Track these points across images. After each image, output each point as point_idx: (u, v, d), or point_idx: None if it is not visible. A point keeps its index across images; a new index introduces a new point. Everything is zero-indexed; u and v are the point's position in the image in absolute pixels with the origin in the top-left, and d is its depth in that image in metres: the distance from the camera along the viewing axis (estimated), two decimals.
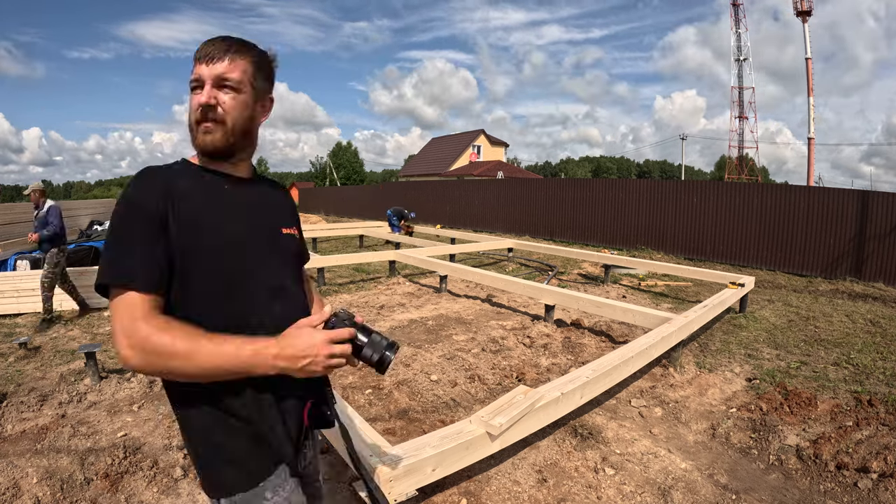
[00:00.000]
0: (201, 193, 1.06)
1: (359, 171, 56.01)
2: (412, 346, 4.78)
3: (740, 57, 47.58)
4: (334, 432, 2.50)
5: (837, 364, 4.41)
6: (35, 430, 3.04)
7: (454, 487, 2.58)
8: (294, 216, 1.31)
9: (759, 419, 3.38)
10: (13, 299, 5.97)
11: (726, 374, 4.20)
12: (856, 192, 8.95)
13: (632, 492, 2.62)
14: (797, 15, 40.30)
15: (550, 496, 2.57)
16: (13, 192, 66.81)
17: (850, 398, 3.65)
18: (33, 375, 4.02)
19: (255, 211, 1.15)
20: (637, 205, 12.21)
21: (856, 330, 5.53)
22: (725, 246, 10.49)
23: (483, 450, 2.48)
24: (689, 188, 11.43)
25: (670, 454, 2.99)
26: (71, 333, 5.18)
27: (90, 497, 2.46)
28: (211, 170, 1.12)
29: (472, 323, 5.64)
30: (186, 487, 2.59)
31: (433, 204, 19.23)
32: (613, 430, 3.25)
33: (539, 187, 15.58)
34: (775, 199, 9.78)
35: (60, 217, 5.72)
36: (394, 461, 2.15)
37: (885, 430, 3.11)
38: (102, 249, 1.00)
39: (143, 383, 3.77)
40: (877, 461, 2.74)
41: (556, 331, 5.26)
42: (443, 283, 7.41)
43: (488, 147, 40.95)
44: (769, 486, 2.70)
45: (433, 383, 3.91)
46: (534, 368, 4.25)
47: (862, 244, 8.65)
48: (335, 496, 2.51)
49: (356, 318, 1.08)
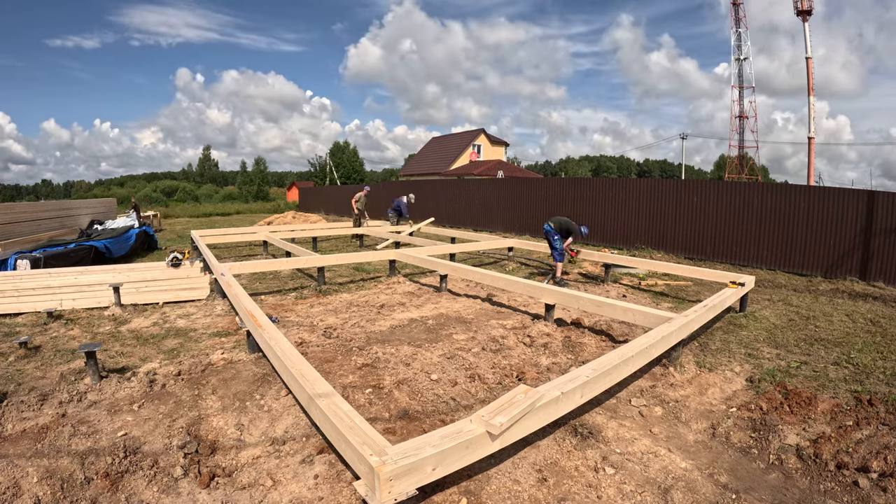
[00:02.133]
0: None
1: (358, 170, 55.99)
2: (412, 345, 4.78)
3: (740, 56, 47.57)
4: (335, 431, 2.50)
5: (837, 363, 4.41)
6: (35, 430, 3.04)
7: (454, 487, 2.58)
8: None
9: (759, 418, 3.38)
10: (13, 299, 5.97)
11: (726, 373, 4.20)
12: (856, 191, 8.94)
13: (632, 491, 2.62)
14: (797, 14, 40.30)
15: (550, 495, 2.57)
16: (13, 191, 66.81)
17: (850, 398, 3.65)
18: (33, 375, 4.02)
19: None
20: (637, 204, 12.19)
21: (856, 329, 5.53)
22: (726, 245, 10.48)
23: (483, 449, 2.48)
24: (690, 187, 11.42)
25: (670, 453, 2.99)
26: (71, 333, 5.18)
27: (90, 496, 2.46)
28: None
29: (473, 322, 5.64)
30: (187, 487, 2.59)
31: (433, 203, 19.22)
32: (613, 430, 3.25)
33: (539, 186, 15.57)
34: (775, 199, 9.77)
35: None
36: (394, 460, 2.15)
37: (885, 430, 3.11)
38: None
39: (144, 382, 3.77)
40: (877, 461, 2.74)
41: (556, 330, 5.26)
42: (443, 282, 7.41)
43: (488, 146, 40.94)
44: (769, 486, 2.70)
45: (433, 382, 3.91)
46: (534, 368, 4.25)
47: (862, 244, 8.64)
48: (335, 496, 2.51)
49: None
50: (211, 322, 5.66)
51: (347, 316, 5.88)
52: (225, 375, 3.99)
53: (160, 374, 3.94)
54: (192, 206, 38.86)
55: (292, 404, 3.46)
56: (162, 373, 3.98)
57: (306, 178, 61.21)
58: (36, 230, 12.14)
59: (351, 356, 4.44)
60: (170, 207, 34.70)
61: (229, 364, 4.24)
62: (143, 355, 4.53)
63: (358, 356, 4.44)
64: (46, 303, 5.95)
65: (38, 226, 12.56)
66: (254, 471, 2.72)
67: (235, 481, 2.64)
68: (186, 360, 4.30)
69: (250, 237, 12.79)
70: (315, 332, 5.18)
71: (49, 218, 13.41)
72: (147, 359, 4.42)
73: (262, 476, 2.67)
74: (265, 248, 11.27)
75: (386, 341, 4.90)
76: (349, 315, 5.92)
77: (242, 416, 3.32)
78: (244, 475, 2.69)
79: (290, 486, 2.59)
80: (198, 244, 10.10)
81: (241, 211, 33.66)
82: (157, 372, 3.99)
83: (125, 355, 4.53)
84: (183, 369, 4.06)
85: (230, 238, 12.79)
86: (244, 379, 3.93)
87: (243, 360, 4.33)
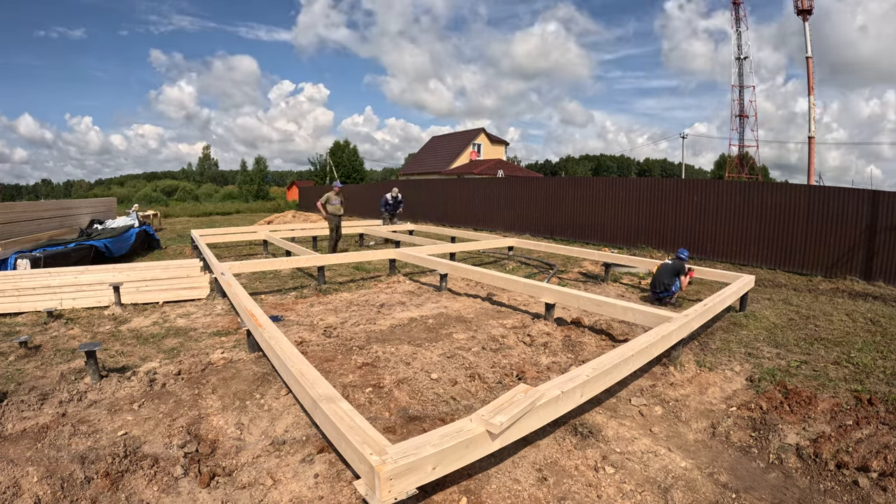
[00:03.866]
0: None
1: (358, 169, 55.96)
2: (412, 344, 4.78)
3: (740, 55, 47.54)
4: (335, 431, 2.50)
5: (837, 363, 4.40)
6: (35, 429, 3.04)
7: (454, 486, 2.58)
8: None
9: (759, 418, 3.38)
10: (13, 298, 5.97)
11: (726, 372, 4.20)
12: (856, 190, 8.94)
13: (632, 490, 2.62)
14: (798, 13, 40.24)
15: (550, 495, 2.57)
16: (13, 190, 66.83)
17: (850, 397, 3.65)
18: (34, 374, 4.02)
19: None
20: (637, 203, 12.20)
21: (856, 329, 5.53)
22: (726, 245, 10.49)
23: (483, 448, 2.48)
24: (690, 187, 11.42)
25: (670, 453, 2.99)
26: (71, 332, 5.18)
27: (90, 496, 2.46)
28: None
29: (473, 321, 5.64)
30: (187, 486, 2.59)
31: (433, 202, 19.21)
32: (613, 429, 3.25)
33: (539, 186, 15.57)
34: (776, 198, 9.77)
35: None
36: (394, 459, 2.15)
37: (885, 429, 3.11)
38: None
39: (144, 382, 3.77)
40: (877, 460, 2.74)
41: (556, 329, 5.26)
42: (443, 281, 7.41)
43: (488, 145, 40.91)
44: (769, 485, 2.70)
45: (433, 382, 3.91)
46: (534, 367, 4.25)
47: (861, 243, 8.64)
48: (335, 495, 2.51)
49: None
50: (211, 321, 5.66)
51: (347, 315, 5.88)
52: (225, 375, 3.99)
53: (160, 374, 3.94)
54: (192, 205, 38.84)
55: (292, 403, 3.46)
56: (162, 372, 3.98)
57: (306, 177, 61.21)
58: (36, 230, 12.15)
59: (351, 355, 4.44)
60: (170, 207, 34.70)
61: (229, 363, 4.24)
62: (143, 355, 4.53)
63: (358, 355, 4.44)
64: (46, 302, 5.95)
65: (39, 225, 12.57)
66: (254, 470, 2.72)
67: (235, 480, 2.65)
68: (186, 359, 4.30)
69: (250, 236, 12.79)
70: (315, 332, 5.18)
71: (49, 217, 13.43)
72: (147, 358, 4.42)
73: (262, 475, 2.67)
74: (265, 247, 11.27)
75: (386, 340, 4.90)
76: (349, 314, 5.93)
77: (242, 416, 3.32)
78: (244, 474, 2.69)
79: (290, 486, 2.59)
80: (198, 243, 10.10)
81: (241, 210, 33.68)
82: (158, 371, 3.99)
83: (125, 355, 4.53)
84: (183, 368, 4.06)
85: (230, 237, 12.79)
86: (244, 378, 3.93)
87: (243, 359, 4.33)
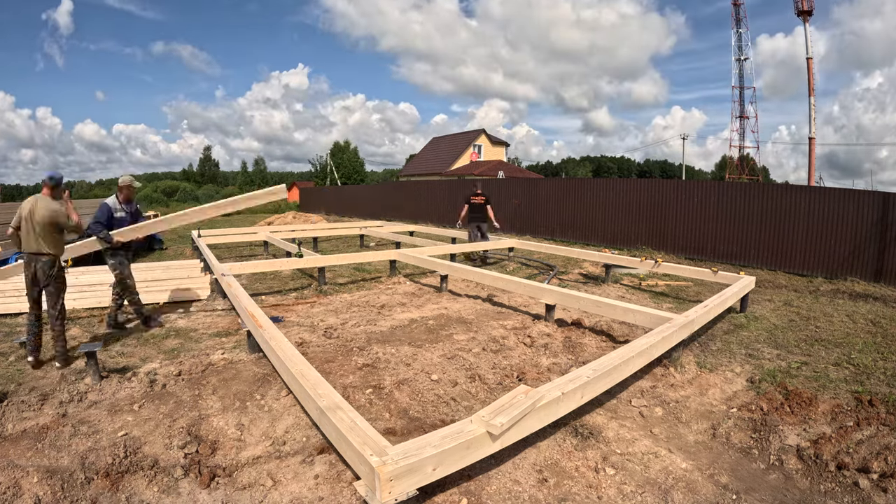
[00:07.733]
0: None
1: (359, 170, 56.01)
2: (413, 345, 4.78)
3: (741, 56, 47.57)
4: (335, 432, 2.50)
5: (838, 364, 4.40)
6: (36, 430, 3.04)
7: (455, 487, 2.58)
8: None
9: (759, 419, 3.37)
10: (14, 299, 5.97)
11: (727, 373, 4.20)
12: (856, 191, 8.94)
13: (632, 491, 2.62)
14: (798, 14, 40.31)
15: (551, 496, 2.57)
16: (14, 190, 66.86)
17: (850, 398, 3.64)
18: (34, 374, 4.03)
19: None
20: (638, 204, 12.20)
21: (856, 330, 5.52)
22: (726, 246, 10.48)
23: (484, 449, 2.48)
24: (690, 188, 11.42)
25: (671, 454, 2.99)
26: (71, 333, 5.18)
27: (91, 496, 2.46)
28: None
29: (473, 322, 5.64)
30: (187, 487, 2.59)
31: (433, 203, 19.22)
32: (614, 430, 3.25)
33: (540, 187, 15.57)
34: (776, 199, 9.77)
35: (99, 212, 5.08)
36: (394, 460, 2.15)
37: (885, 431, 3.11)
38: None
39: (144, 382, 3.77)
40: (877, 461, 2.74)
41: (556, 330, 5.26)
42: (443, 282, 7.41)
43: (489, 147, 40.92)
44: (770, 486, 2.70)
45: (434, 383, 3.91)
46: (534, 368, 4.25)
47: (862, 244, 8.63)
48: (335, 496, 2.51)
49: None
50: (211, 322, 5.66)
51: (348, 316, 5.88)
52: (225, 375, 3.99)
53: (161, 374, 3.94)
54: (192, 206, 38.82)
55: (293, 404, 3.46)
56: (162, 373, 3.98)
57: (307, 178, 61.25)
58: None
59: (351, 356, 4.44)
60: (170, 207, 34.72)
61: (230, 364, 4.24)
62: (143, 355, 4.53)
63: (358, 356, 4.44)
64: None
65: None
66: (254, 471, 2.72)
67: (236, 481, 2.64)
68: (187, 360, 4.30)
69: (251, 237, 12.80)
70: (315, 332, 5.18)
71: None
72: (147, 359, 4.42)
73: (263, 476, 2.67)
74: (266, 248, 11.27)
75: (386, 341, 4.90)
76: (350, 315, 5.93)
77: (243, 416, 3.32)
78: (244, 475, 2.69)
79: (290, 486, 2.59)
80: (198, 244, 10.11)
81: (241, 211, 33.67)
82: (158, 372, 3.99)
83: (125, 355, 4.53)
84: (183, 369, 4.06)
85: (231, 238, 12.80)
86: (244, 379, 3.93)
87: (244, 360, 4.33)
